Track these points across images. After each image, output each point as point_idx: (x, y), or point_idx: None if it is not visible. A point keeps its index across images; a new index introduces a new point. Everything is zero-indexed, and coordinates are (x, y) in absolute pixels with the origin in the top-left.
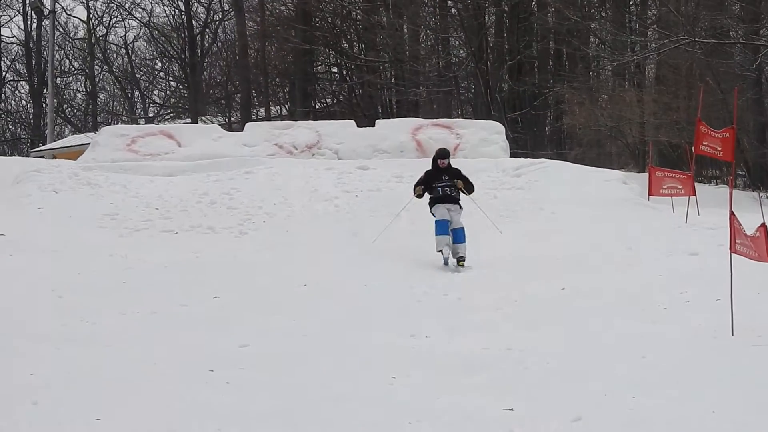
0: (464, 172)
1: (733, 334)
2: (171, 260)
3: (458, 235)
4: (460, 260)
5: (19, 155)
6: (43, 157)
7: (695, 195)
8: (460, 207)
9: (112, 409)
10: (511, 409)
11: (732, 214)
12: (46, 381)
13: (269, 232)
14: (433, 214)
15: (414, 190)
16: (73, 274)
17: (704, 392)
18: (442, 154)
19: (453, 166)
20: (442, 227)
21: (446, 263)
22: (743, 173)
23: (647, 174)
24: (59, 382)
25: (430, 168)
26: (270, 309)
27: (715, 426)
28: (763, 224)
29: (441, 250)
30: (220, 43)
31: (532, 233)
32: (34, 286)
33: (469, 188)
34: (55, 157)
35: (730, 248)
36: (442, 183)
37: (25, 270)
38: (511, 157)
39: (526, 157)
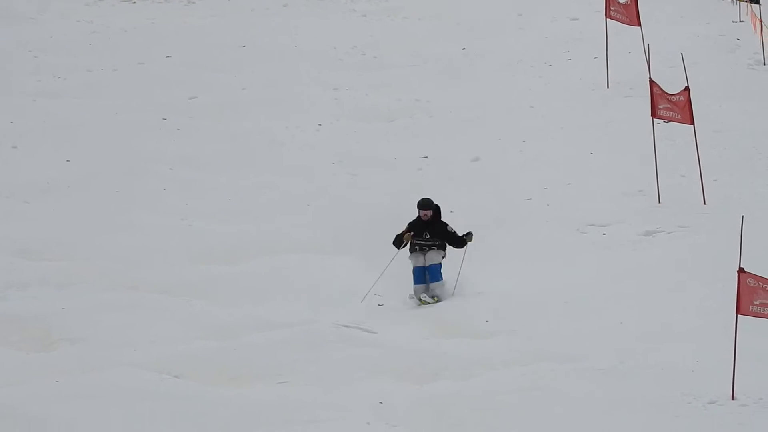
0: (451, 226)
1: (608, 87)
2: (130, 26)
3: (433, 273)
4: (435, 298)
5: None
6: None
7: None
8: (442, 256)
9: (80, 153)
10: (426, 157)
11: None
12: (24, 129)
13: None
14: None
15: (398, 241)
16: (46, 37)
17: (583, 137)
18: (424, 204)
19: (442, 219)
20: (418, 276)
21: (419, 303)
22: None
23: None
24: (35, 129)
25: (414, 219)
26: (215, 66)
27: (591, 163)
28: None
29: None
30: None
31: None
32: (13, 48)
33: (457, 244)
34: None
35: (606, 14)
36: (422, 242)
37: (4, 34)
38: None
39: None
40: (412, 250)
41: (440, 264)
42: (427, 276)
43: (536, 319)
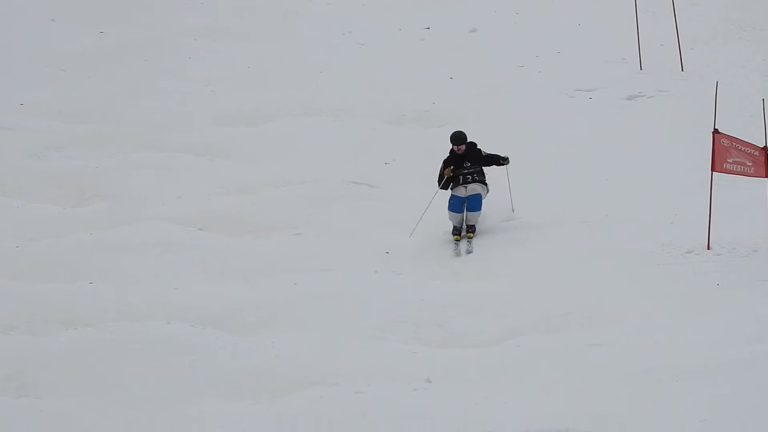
0: (485, 150)
1: None
2: None
3: (473, 203)
4: (470, 229)
5: None
6: None
7: None
8: (484, 185)
9: (112, 25)
10: (428, 28)
11: None
12: (61, 2)
13: None
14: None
15: (440, 180)
16: None
17: (571, 9)
18: (457, 139)
19: (476, 146)
20: (455, 204)
21: (456, 246)
22: None
23: None
24: (71, 3)
25: (447, 156)
26: None
27: (578, 33)
28: None
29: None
30: None
31: None
32: None
33: (495, 163)
34: None
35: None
36: (465, 170)
37: None
38: None
39: None
40: (456, 184)
41: (481, 194)
42: (465, 206)
43: (527, 176)
